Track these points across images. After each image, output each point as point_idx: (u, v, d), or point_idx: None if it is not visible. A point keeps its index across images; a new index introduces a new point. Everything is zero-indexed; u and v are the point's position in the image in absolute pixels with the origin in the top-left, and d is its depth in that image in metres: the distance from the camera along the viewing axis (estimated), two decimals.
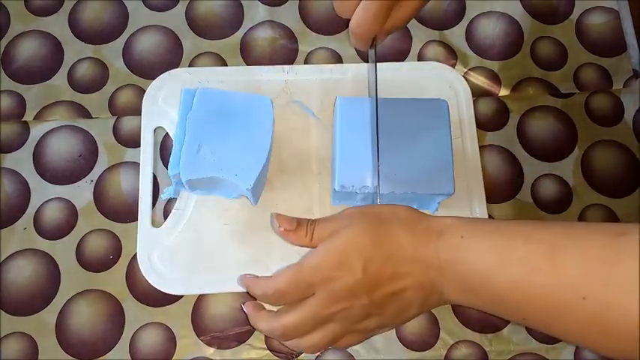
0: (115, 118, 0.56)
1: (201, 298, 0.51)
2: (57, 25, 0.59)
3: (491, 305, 0.35)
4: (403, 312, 0.38)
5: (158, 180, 0.54)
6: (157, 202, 0.53)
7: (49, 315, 0.50)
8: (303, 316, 0.38)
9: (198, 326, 0.50)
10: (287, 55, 0.59)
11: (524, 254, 0.32)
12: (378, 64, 0.57)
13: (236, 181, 0.47)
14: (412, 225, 0.37)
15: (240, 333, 0.50)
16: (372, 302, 0.36)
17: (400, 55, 0.59)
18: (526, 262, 0.31)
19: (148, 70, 0.57)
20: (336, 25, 0.60)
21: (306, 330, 0.38)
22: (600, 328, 0.29)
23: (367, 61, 0.58)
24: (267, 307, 0.45)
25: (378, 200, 0.45)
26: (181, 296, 0.51)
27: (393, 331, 0.50)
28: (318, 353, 0.49)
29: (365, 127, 0.48)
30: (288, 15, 0.60)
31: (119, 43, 0.59)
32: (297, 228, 0.40)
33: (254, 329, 0.50)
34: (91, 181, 0.54)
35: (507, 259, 0.32)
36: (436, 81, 0.56)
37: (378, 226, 0.37)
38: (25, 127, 0.55)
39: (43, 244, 0.52)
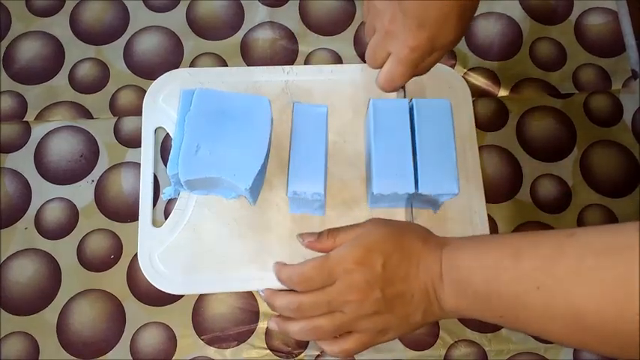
0: (115, 118, 0.56)
1: (201, 298, 0.51)
2: (58, 25, 0.59)
3: (473, 306, 0.40)
4: (409, 316, 0.42)
5: (159, 180, 0.54)
6: (158, 202, 0.53)
7: (50, 314, 0.50)
8: (320, 297, 0.42)
9: (199, 326, 0.50)
10: (287, 56, 0.59)
11: (496, 257, 0.38)
12: None
13: (234, 181, 0.47)
14: (424, 237, 0.43)
15: (240, 332, 0.50)
16: (383, 297, 0.41)
17: None
18: (497, 263, 0.38)
19: (148, 71, 0.58)
20: (336, 25, 0.60)
21: (318, 311, 0.43)
22: (551, 315, 0.34)
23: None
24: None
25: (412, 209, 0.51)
26: (182, 296, 0.51)
27: None
28: (318, 353, 0.50)
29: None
30: (289, 16, 0.60)
31: (120, 43, 0.59)
32: (319, 238, 0.46)
33: (254, 329, 0.50)
34: (92, 181, 0.54)
35: (484, 262, 0.39)
36: (436, 81, 0.56)
37: (398, 233, 0.43)
38: (27, 128, 0.55)
39: (45, 244, 0.52)
